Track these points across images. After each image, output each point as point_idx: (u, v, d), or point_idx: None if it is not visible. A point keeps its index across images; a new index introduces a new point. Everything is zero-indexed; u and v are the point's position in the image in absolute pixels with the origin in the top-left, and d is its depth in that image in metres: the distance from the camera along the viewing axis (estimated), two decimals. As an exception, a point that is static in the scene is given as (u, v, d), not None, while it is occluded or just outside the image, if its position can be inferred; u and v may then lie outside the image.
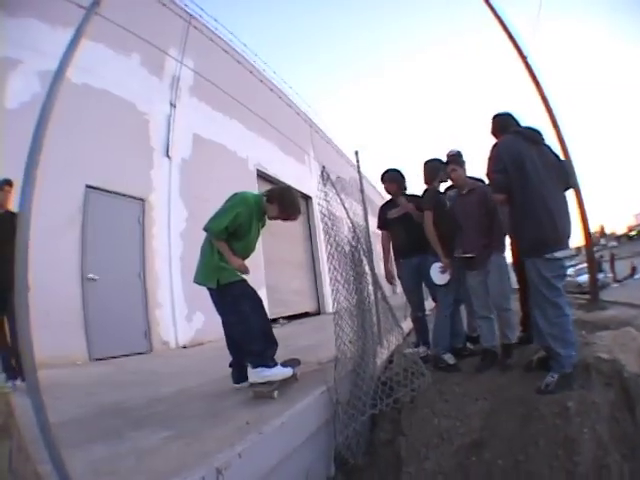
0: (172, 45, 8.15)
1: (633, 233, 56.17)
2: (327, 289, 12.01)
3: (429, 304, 5.26)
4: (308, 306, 12.14)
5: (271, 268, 9.85)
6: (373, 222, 5.22)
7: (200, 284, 3.48)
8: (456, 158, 4.25)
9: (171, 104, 7.88)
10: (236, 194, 3.52)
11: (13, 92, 5.23)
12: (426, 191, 4.57)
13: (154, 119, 7.45)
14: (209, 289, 3.44)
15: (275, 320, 9.36)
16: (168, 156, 7.57)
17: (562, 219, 3.30)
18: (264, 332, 3.40)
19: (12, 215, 3.98)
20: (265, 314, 3.52)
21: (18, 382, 3.85)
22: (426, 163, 4.62)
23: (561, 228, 3.26)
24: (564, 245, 3.26)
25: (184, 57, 8.41)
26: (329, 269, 3.83)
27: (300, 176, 12.59)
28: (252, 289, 3.47)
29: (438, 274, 4.31)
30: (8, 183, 4.29)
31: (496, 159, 3.41)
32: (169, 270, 7.07)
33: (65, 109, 4.95)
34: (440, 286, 4.36)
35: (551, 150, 3.57)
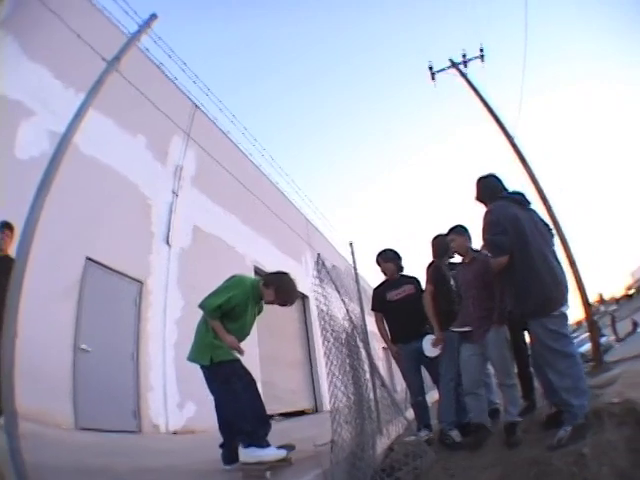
0: (176, 133, 8.46)
1: (632, 291, 54.63)
2: (324, 387, 11.69)
3: (431, 397, 5.11)
4: (305, 404, 11.69)
5: (267, 365, 9.62)
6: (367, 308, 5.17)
7: (193, 361, 3.45)
8: (454, 228, 4.23)
9: (173, 192, 8.08)
10: (234, 276, 3.61)
11: (24, 143, 5.31)
12: (430, 265, 4.58)
13: (156, 204, 7.60)
14: (202, 367, 3.40)
15: (271, 417, 8.99)
16: (168, 243, 7.65)
17: (562, 276, 3.37)
18: (256, 411, 3.34)
19: (10, 260, 3.73)
20: (258, 394, 3.46)
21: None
22: (434, 239, 4.67)
23: (563, 285, 3.33)
24: (566, 301, 3.32)
25: (187, 146, 8.73)
26: (325, 353, 3.76)
27: (297, 276, 12.54)
28: (245, 369, 3.45)
29: (429, 347, 4.29)
30: (8, 227, 4.06)
31: (494, 223, 3.44)
32: (162, 355, 6.88)
33: (73, 176, 4.98)
34: (434, 359, 4.32)
35: (537, 214, 3.70)
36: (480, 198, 3.84)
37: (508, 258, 3.34)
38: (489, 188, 3.78)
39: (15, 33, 5.54)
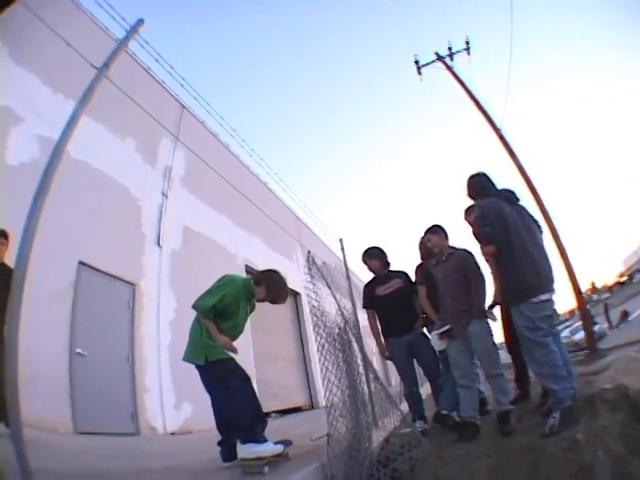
0: (165, 135, 8.38)
1: (624, 279, 54.74)
2: (319, 383, 11.71)
3: (424, 390, 5.16)
4: (300, 400, 11.74)
5: (262, 363, 9.67)
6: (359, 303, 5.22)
7: (188, 361, 3.49)
8: (430, 228, 4.35)
9: (163, 194, 8.07)
10: (225, 276, 3.64)
11: (15, 149, 5.30)
12: (419, 267, 4.66)
13: (146, 206, 7.59)
14: (197, 366, 3.45)
15: (267, 414, 9.02)
16: (159, 245, 7.64)
17: (544, 267, 3.48)
18: (252, 408, 3.39)
19: (6, 269, 3.59)
20: (253, 390, 3.51)
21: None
22: (421, 241, 4.73)
23: (544, 275, 3.44)
24: (548, 289, 3.42)
25: (176, 147, 8.71)
26: (318, 348, 3.80)
27: (288, 273, 12.50)
28: (240, 367, 3.49)
29: (437, 340, 4.27)
30: (3, 234, 3.94)
31: (483, 217, 3.58)
32: (157, 357, 6.88)
33: (63, 182, 4.92)
34: (441, 352, 4.35)
35: (526, 210, 3.83)
36: (471, 195, 4.03)
37: (497, 248, 3.47)
38: (479, 185, 3.95)
39: (3, 40, 5.52)
